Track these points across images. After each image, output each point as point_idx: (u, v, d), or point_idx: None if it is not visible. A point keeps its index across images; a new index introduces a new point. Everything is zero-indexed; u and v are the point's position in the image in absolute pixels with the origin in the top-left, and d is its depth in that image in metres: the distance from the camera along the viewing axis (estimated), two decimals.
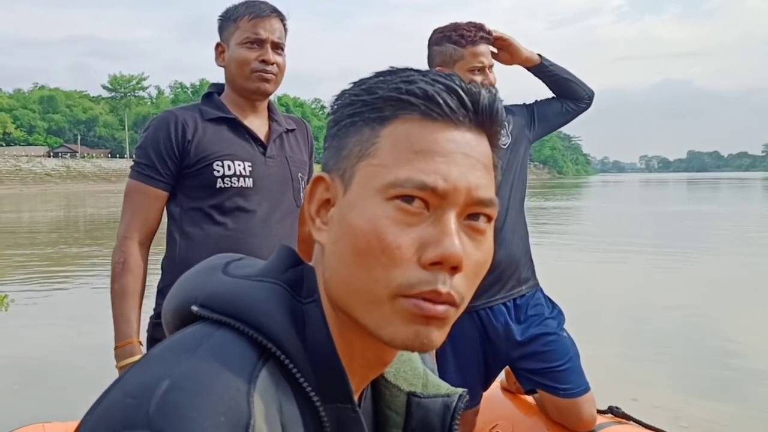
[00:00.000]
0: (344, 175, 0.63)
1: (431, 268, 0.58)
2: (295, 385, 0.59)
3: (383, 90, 0.62)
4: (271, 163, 1.94)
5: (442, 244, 0.58)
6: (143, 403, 0.52)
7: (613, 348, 5.84)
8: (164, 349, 0.59)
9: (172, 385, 0.53)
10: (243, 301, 0.61)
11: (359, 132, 0.63)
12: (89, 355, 5.64)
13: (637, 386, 4.65)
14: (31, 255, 13.12)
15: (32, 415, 3.90)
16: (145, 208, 1.88)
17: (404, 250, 0.58)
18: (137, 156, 1.91)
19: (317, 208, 0.66)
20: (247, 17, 1.88)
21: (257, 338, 0.59)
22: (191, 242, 1.86)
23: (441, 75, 0.62)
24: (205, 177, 1.85)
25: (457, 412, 0.72)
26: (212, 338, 0.58)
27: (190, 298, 0.65)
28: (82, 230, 20.06)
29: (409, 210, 0.59)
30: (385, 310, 0.59)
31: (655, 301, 7.83)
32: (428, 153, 0.60)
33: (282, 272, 0.64)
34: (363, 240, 0.59)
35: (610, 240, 14.63)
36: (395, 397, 0.73)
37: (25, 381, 5.04)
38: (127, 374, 0.57)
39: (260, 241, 1.86)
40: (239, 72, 1.90)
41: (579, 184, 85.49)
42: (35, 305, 8.21)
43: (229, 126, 1.92)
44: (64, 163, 67.73)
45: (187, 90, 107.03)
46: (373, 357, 0.66)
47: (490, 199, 0.62)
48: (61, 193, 50.21)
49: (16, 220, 24.22)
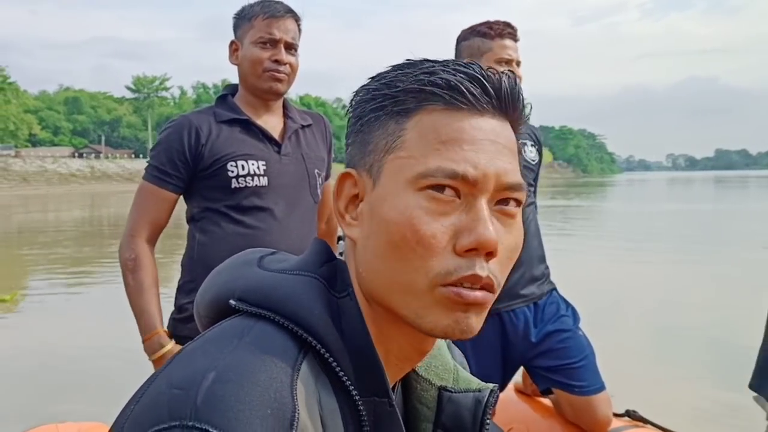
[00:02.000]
0: (372, 170, 0.64)
1: (467, 255, 0.59)
2: (334, 378, 0.60)
3: (405, 82, 0.63)
4: (286, 160, 1.96)
5: (477, 230, 0.59)
6: (190, 395, 0.52)
7: (634, 348, 5.78)
8: (206, 341, 0.59)
9: (218, 377, 0.53)
10: (281, 295, 0.61)
11: (384, 126, 0.63)
12: (108, 355, 5.71)
13: (657, 387, 4.59)
14: (55, 254, 13.31)
15: (51, 413, 3.96)
16: (153, 208, 1.92)
17: (439, 239, 0.59)
18: (151, 159, 1.96)
19: (346, 204, 0.66)
20: (261, 16, 1.90)
21: (297, 331, 0.59)
22: (210, 241, 1.90)
23: (461, 64, 0.63)
24: (220, 178, 1.89)
25: (489, 407, 0.72)
26: (253, 331, 0.59)
27: (226, 292, 0.65)
28: (105, 230, 20.30)
29: (441, 199, 0.60)
30: (425, 299, 0.60)
31: (678, 299, 7.74)
32: (456, 142, 0.60)
33: (318, 266, 0.65)
34: (397, 232, 0.60)
35: (635, 238, 14.48)
36: (426, 391, 0.73)
37: (45, 380, 5.09)
38: (171, 366, 0.57)
39: (278, 237, 1.89)
40: (252, 71, 1.92)
41: (604, 183, 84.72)
42: (60, 303, 8.32)
43: (242, 126, 1.94)
44: (89, 164, 68.50)
45: (209, 90, 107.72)
46: (410, 349, 0.66)
47: (518, 183, 0.62)
48: (85, 193, 50.84)
49: (42, 219, 24.58)
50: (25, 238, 17.75)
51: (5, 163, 58.21)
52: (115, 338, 6.08)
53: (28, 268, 11.87)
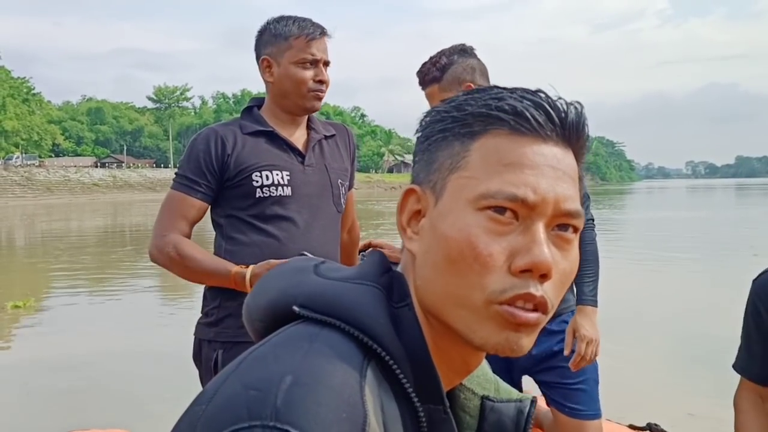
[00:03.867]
0: (435, 187, 0.66)
1: (521, 275, 0.61)
2: (396, 385, 0.61)
3: (473, 107, 0.65)
4: (309, 171, 2.01)
5: (532, 252, 0.61)
6: (269, 396, 0.53)
7: (654, 358, 5.72)
8: (275, 346, 0.61)
9: (296, 380, 0.54)
10: (346, 303, 0.63)
11: (450, 146, 0.66)
12: (130, 362, 5.77)
13: (681, 399, 4.55)
14: (77, 261, 13.47)
15: (76, 421, 4.01)
16: (182, 212, 1.95)
17: (495, 258, 0.61)
18: (179, 169, 2.00)
19: (408, 218, 0.69)
20: (303, 38, 1.95)
21: (362, 338, 0.61)
22: (236, 248, 1.94)
23: (529, 91, 0.65)
24: (245, 188, 1.94)
25: (531, 416, 0.74)
26: (320, 337, 0.60)
27: (286, 298, 0.67)
28: (128, 237, 20.52)
29: (500, 220, 0.62)
30: (479, 315, 0.62)
31: (700, 307, 7.65)
32: (517, 166, 0.62)
33: (379, 276, 0.67)
34: (456, 248, 0.62)
35: (659, 247, 14.35)
36: (469, 400, 0.75)
37: (69, 387, 5.16)
38: (242, 368, 0.58)
39: (301, 246, 1.92)
40: (296, 90, 1.97)
41: (623, 190, 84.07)
42: (82, 310, 8.41)
43: (267, 138, 1.99)
44: (111, 173, 69.39)
45: (229, 100, 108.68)
46: (460, 363, 0.68)
47: (577, 211, 0.64)
48: (108, 202, 51.47)
49: (64, 228, 24.91)
50: (48, 244, 18.00)
51: (30, 173, 59.17)
52: (136, 344, 6.15)
53: (50, 274, 12.03)
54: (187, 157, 1.98)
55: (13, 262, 14.72)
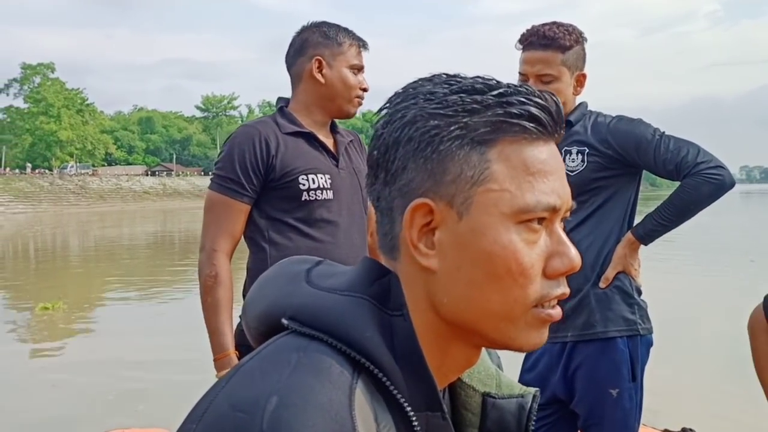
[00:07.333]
0: (454, 201, 0.63)
1: (555, 276, 0.64)
2: (388, 396, 0.61)
3: (482, 113, 0.63)
4: (343, 174, 2.04)
5: (567, 255, 0.64)
6: (255, 419, 0.53)
7: (695, 362, 5.60)
8: (261, 361, 0.61)
9: (281, 401, 0.54)
10: (333, 317, 0.63)
11: (466, 156, 0.63)
12: (173, 365, 5.85)
13: (714, 403, 4.44)
14: (128, 266, 13.80)
15: (117, 420, 4.13)
16: (231, 221, 1.93)
17: (536, 268, 0.63)
18: (219, 169, 1.96)
19: (418, 233, 0.65)
20: (356, 46, 2.03)
21: (350, 353, 0.61)
22: (281, 253, 1.89)
23: (526, 89, 0.64)
24: (291, 190, 1.93)
25: (533, 412, 0.74)
26: (308, 351, 0.60)
27: (277, 309, 0.67)
28: (177, 245, 20.94)
29: (536, 229, 0.63)
30: (519, 323, 0.64)
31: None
32: (542, 174, 0.63)
33: (368, 286, 0.65)
34: (502, 265, 0.62)
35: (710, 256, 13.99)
36: (470, 398, 0.75)
37: (113, 387, 5.29)
38: (231, 385, 0.59)
39: (346, 251, 1.95)
40: (345, 94, 2.02)
41: None
42: (131, 313, 8.63)
43: (305, 140, 2.00)
44: (161, 182, 70.81)
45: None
46: (463, 361, 0.69)
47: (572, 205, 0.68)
48: (158, 209, 52.58)
49: (117, 235, 25.55)
50: (102, 250, 18.49)
51: (83, 182, 60.90)
52: (180, 349, 6.27)
53: (103, 279, 12.36)
54: (228, 156, 1.94)
55: (71, 266, 15.16)
